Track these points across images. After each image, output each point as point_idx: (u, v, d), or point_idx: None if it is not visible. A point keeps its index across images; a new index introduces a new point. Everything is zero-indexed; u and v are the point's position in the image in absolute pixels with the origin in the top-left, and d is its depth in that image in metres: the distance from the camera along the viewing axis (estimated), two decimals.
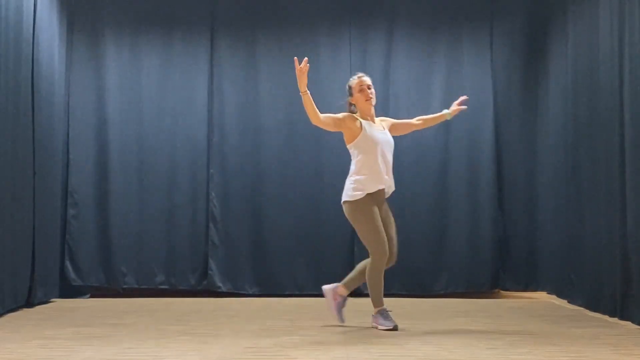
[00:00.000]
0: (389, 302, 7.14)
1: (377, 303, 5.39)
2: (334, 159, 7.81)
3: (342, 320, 5.55)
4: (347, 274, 7.71)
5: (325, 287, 5.66)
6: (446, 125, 7.91)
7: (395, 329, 5.26)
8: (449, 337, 5.00)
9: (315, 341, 4.83)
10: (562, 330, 5.35)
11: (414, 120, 5.86)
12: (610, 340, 4.91)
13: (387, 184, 5.46)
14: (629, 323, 5.65)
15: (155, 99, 7.89)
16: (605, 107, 6.17)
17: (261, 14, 7.99)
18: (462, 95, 7.89)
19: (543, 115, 7.88)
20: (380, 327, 5.31)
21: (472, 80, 7.96)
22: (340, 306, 5.60)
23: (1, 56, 5.91)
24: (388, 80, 7.95)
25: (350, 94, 5.54)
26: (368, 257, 8.07)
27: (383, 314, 5.36)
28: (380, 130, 5.50)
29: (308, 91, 5.29)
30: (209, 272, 7.71)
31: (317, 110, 5.36)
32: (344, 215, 7.77)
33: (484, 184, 7.86)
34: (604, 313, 6.13)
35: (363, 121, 5.43)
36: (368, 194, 5.33)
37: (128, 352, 4.41)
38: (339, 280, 7.74)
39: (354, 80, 5.54)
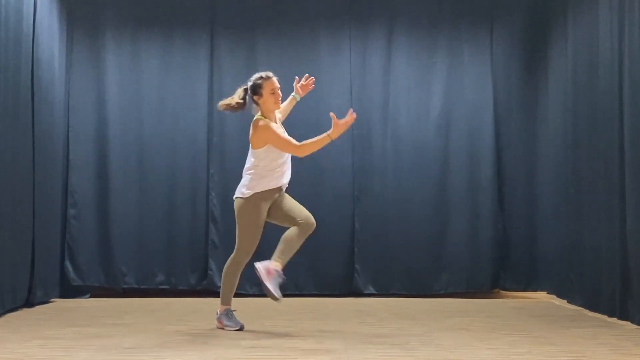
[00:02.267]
0: (389, 302, 7.17)
1: (226, 301, 5.35)
2: (334, 158, 7.81)
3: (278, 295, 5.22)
4: (347, 273, 7.79)
5: (257, 265, 5.32)
6: (446, 124, 7.93)
7: (241, 329, 5.25)
8: (449, 337, 5.00)
9: (315, 341, 4.83)
10: (562, 330, 5.35)
11: (278, 114, 5.57)
12: (609, 340, 4.91)
13: (287, 180, 5.41)
14: (628, 323, 5.65)
15: (155, 99, 7.89)
16: (605, 107, 6.17)
17: (261, 14, 7.99)
18: (462, 95, 7.97)
19: (543, 115, 7.88)
20: (226, 328, 5.28)
21: (472, 80, 7.96)
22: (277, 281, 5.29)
23: (1, 56, 5.92)
24: (388, 80, 7.95)
25: (259, 94, 5.32)
26: (369, 257, 8.05)
27: (228, 314, 5.34)
28: (283, 130, 5.43)
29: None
30: (209, 272, 7.71)
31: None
32: (344, 214, 7.83)
33: (484, 184, 7.85)
34: (603, 313, 6.13)
35: (272, 124, 5.29)
36: (265, 192, 5.26)
37: (128, 352, 4.41)
38: (339, 281, 7.80)
39: (264, 81, 5.31)
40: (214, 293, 7.66)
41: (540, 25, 7.96)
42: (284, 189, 5.45)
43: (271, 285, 5.12)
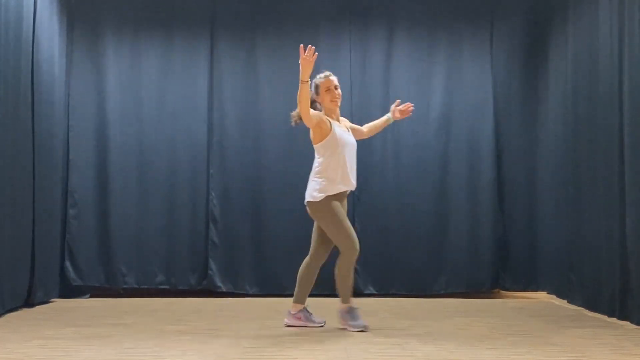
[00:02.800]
0: (389, 302, 7.17)
1: (346, 300, 5.38)
2: None
3: (319, 322, 5.50)
4: None
5: (286, 321, 5.54)
6: (446, 125, 7.93)
7: (365, 329, 5.23)
8: (449, 337, 5.00)
9: (315, 341, 4.83)
10: (562, 330, 5.35)
11: (363, 128, 5.82)
12: (609, 340, 4.92)
13: (353, 186, 5.49)
14: (627, 323, 5.66)
15: (155, 99, 7.89)
16: (605, 107, 6.17)
17: (261, 14, 7.99)
18: (462, 95, 7.97)
19: (543, 115, 7.88)
20: (350, 328, 5.27)
21: (472, 80, 7.96)
22: (308, 318, 5.52)
23: (1, 56, 5.92)
24: (388, 80, 7.96)
25: (317, 92, 5.45)
26: (369, 257, 8.07)
27: (352, 312, 5.35)
28: (346, 131, 5.48)
29: (309, 81, 5.23)
30: (209, 272, 7.71)
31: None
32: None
33: (484, 184, 7.86)
34: (603, 313, 6.13)
35: (331, 121, 5.39)
36: (332, 196, 5.34)
37: (128, 352, 4.41)
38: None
39: (320, 79, 5.44)
40: (214, 293, 7.68)
41: (540, 25, 7.96)
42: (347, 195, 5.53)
43: (310, 324, 5.42)
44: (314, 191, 5.37)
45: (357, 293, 7.69)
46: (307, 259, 5.57)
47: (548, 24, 7.85)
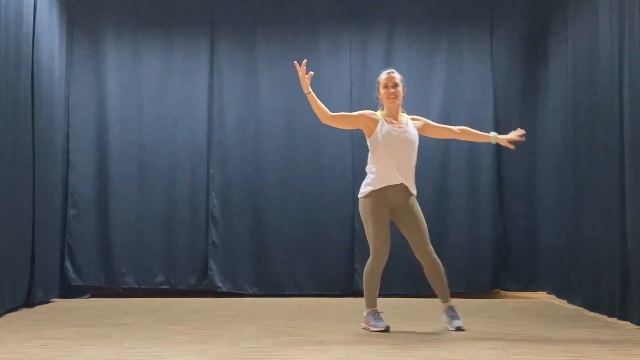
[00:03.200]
0: (389, 302, 7.17)
1: (370, 304, 5.40)
2: (334, 158, 7.82)
3: (455, 326, 5.34)
4: (346, 273, 7.77)
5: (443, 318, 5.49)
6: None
7: (387, 329, 5.24)
8: (449, 337, 5.00)
9: (315, 341, 4.83)
10: (561, 330, 5.35)
11: (454, 128, 5.75)
12: (609, 340, 4.91)
13: (399, 181, 5.34)
14: (627, 323, 5.65)
15: (155, 99, 7.89)
16: (605, 107, 6.17)
17: (261, 14, 7.99)
18: (462, 95, 7.97)
19: (543, 115, 7.88)
20: (371, 328, 5.29)
21: (472, 80, 7.96)
22: (452, 316, 5.41)
23: (1, 56, 5.92)
24: None
25: (377, 90, 5.56)
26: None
27: (375, 315, 5.35)
28: (400, 129, 5.41)
29: (312, 91, 5.27)
30: (209, 272, 7.71)
31: (326, 109, 5.36)
32: (344, 214, 7.83)
33: (484, 184, 7.85)
34: (603, 313, 6.13)
35: (381, 119, 5.42)
36: (375, 191, 5.31)
37: (128, 352, 4.41)
38: (339, 281, 7.80)
39: (382, 76, 5.51)
40: (214, 293, 7.68)
41: (540, 25, 7.96)
42: (412, 194, 5.42)
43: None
44: (362, 187, 5.42)
45: (357, 293, 7.69)
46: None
47: (548, 24, 7.85)
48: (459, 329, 5.28)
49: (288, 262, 7.78)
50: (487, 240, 7.80)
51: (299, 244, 7.81)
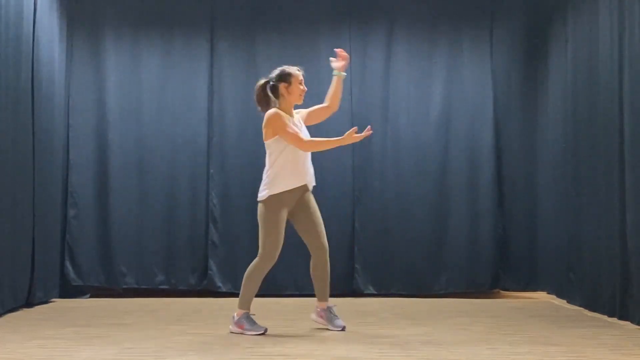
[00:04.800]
0: (389, 302, 7.17)
1: (246, 305, 5.21)
2: (334, 158, 7.81)
3: (340, 326, 5.30)
4: (346, 273, 7.77)
5: (312, 316, 5.43)
6: (446, 125, 7.92)
7: (265, 332, 5.12)
8: (449, 337, 5.00)
9: (315, 341, 4.83)
10: (562, 330, 5.35)
11: (323, 103, 5.52)
12: (609, 340, 4.91)
13: (307, 179, 5.35)
14: (628, 323, 5.65)
15: (155, 99, 7.89)
16: (605, 107, 6.17)
17: (261, 14, 7.99)
18: (462, 95, 7.97)
19: (543, 115, 7.88)
20: (249, 332, 5.11)
21: (472, 80, 7.96)
22: (332, 317, 5.33)
23: (1, 56, 5.91)
24: (388, 80, 7.95)
25: (288, 82, 5.23)
26: (369, 257, 8.06)
27: (249, 318, 5.19)
28: (297, 125, 5.34)
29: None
30: (209, 272, 7.71)
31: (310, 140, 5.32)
32: (344, 214, 7.83)
33: (484, 184, 7.86)
34: (603, 313, 6.13)
35: (284, 115, 5.24)
36: (280, 193, 5.20)
37: (128, 352, 4.41)
38: (339, 281, 7.78)
39: (297, 71, 5.29)
40: (214, 293, 7.68)
41: (540, 25, 7.96)
42: (309, 190, 5.41)
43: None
44: (262, 189, 5.25)
45: (357, 293, 7.71)
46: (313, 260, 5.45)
47: (548, 24, 7.85)
48: (344, 328, 5.21)
49: (288, 262, 7.76)
50: (487, 240, 7.80)
51: (299, 244, 7.78)
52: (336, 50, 5.55)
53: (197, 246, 7.78)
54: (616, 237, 5.88)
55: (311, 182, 5.43)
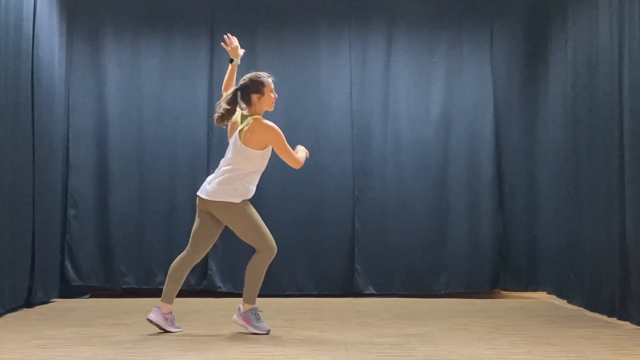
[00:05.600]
0: (389, 302, 7.18)
1: (254, 300, 5.19)
2: (334, 158, 7.82)
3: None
4: (347, 273, 7.78)
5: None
6: (446, 124, 7.92)
7: (268, 333, 5.11)
8: (449, 337, 5.00)
9: (315, 341, 4.84)
10: (562, 330, 5.35)
11: (227, 93, 5.34)
12: (609, 340, 4.92)
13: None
14: (627, 323, 5.66)
15: (155, 99, 7.88)
16: (605, 107, 6.17)
17: (261, 14, 7.99)
18: (462, 95, 7.97)
19: (543, 115, 7.88)
20: (253, 329, 5.09)
21: (472, 80, 7.96)
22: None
23: (1, 56, 5.92)
24: (388, 80, 7.95)
25: (261, 92, 5.19)
26: (369, 257, 8.07)
27: (257, 314, 5.17)
28: None
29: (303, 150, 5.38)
30: (209, 272, 7.71)
31: (296, 155, 5.32)
32: (344, 214, 7.83)
33: (484, 183, 7.85)
34: (603, 313, 6.13)
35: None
36: (247, 200, 5.26)
37: (128, 352, 4.41)
38: (339, 281, 7.80)
39: (268, 80, 5.22)
40: (214, 293, 7.68)
41: (540, 25, 7.96)
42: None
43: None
44: (231, 192, 5.15)
45: (357, 293, 7.71)
46: (184, 254, 5.28)
47: (548, 24, 7.85)
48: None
49: (288, 262, 7.77)
50: (487, 240, 7.80)
51: (299, 243, 7.81)
52: (225, 36, 5.54)
53: None
54: (616, 237, 5.88)
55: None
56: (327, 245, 7.78)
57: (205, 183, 5.29)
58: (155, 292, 7.65)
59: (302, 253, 7.83)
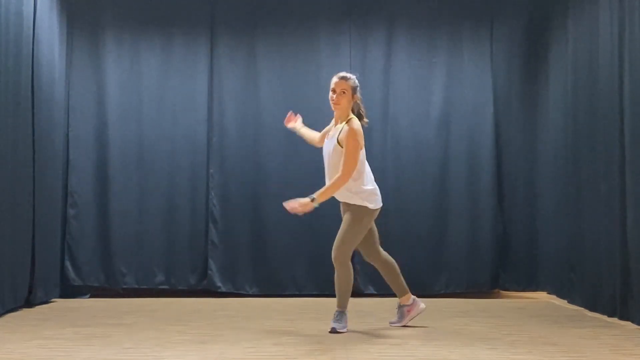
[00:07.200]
0: (389, 302, 7.17)
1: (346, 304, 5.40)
2: None
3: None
4: None
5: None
6: (446, 124, 7.92)
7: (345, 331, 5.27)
8: (449, 337, 5.00)
9: (315, 341, 4.84)
10: (562, 330, 5.35)
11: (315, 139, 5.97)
12: (609, 340, 4.91)
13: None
14: (628, 323, 5.66)
15: (155, 99, 7.88)
16: (605, 107, 6.17)
17: (261, 13, 7.99)
18: (462, 95, 7.97)
19: (543, 115, 7.89)
20: (341, 329, 5.26)
21: (472, 80, 7.96)
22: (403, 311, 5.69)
23: (1, 56, 5.92)
24: (388, 80, 7.95)
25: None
26: (367, 258, 8.09)
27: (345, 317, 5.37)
28: (330, 138, 5.53)
29: (316, 197, 5.47)
30: (209, 272, 7.71)
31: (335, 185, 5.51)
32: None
33: (484, 183, 7.85)
34: (603, 313, 6.13)
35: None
36: (374, 210, 5.62)
37: (128, 352, 4.41)
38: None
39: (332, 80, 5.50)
40: (214, 293, 7.68)
41: (540, 25, 7.96)
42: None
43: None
44: (366, 196, 5.62)
45: (357, 293, 7.70)
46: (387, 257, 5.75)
47: (548, 24, 7.85)
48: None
49: (288, 262, 7.78)
50: (487, 240, 7.80)
51: (299, 243, 7.81)
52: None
53: (196, 246, 7.78)
54: (616, 237, 5.88)
55: (339, 196, 5.75)
56: (327, 245, 7.71)
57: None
58: (155, 292, 7.69)
59: (302, 253, 7.83)
